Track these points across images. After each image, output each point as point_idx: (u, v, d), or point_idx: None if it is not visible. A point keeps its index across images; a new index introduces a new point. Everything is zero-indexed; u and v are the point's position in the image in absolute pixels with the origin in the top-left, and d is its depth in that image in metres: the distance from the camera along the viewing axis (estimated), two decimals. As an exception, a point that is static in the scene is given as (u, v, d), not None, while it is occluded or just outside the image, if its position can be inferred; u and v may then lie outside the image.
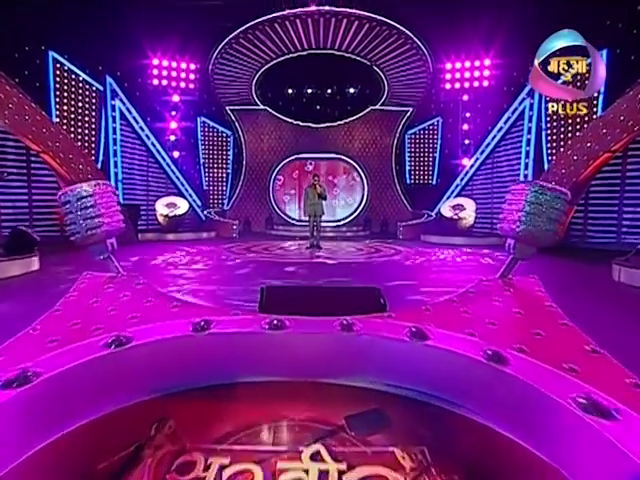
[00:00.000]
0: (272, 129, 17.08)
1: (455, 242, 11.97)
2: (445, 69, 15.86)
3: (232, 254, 9.09)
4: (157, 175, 14.89)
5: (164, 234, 12.69)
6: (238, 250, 9.69)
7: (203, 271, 6.76)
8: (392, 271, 6.94)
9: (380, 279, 5.49)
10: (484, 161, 14.23)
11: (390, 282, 5.47)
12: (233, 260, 8.04)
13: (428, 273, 6.83)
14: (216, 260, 8.12)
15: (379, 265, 7.70)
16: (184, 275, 6.31)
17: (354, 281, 5.68)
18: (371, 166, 17.13)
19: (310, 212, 10.22)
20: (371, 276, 6.37)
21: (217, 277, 6.21)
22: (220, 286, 5.46)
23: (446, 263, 8.16)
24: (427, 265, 7.77)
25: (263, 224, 17.04)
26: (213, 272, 6.65)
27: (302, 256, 9.10)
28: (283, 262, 8.02)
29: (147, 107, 15.66)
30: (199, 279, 6.05)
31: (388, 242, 12.33)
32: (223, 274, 6.45)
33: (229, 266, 7.35)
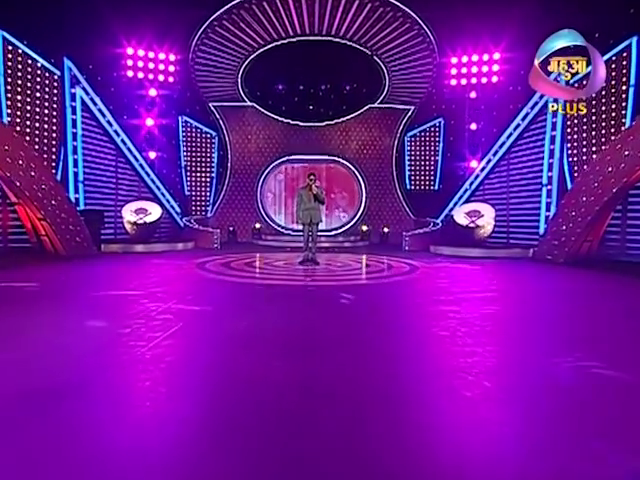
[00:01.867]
0: (260, 128, 15.03)
1: (472, 254, 10.00)
2: (450, 63, 14.02)
3: (203, 274, 6.93)
4: (128, 177, 12.69)
5: (132, 245, 10.48)
6: (213, 267, 7.53)
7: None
8: (436, 310, 4.87)
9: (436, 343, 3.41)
10: (498, 163, 12.35)
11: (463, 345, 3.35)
12: (193, 293, 5.80)
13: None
14: (165, 293, 5.95)
15: (407, 296, 5.62)
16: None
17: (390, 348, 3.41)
18: (369, 169, 15.15)
19: (304, 219, 8.14)
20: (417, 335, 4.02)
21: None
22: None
23: (513, 291, 6.12)
24: (477, 292, 5.73)
25: (250, 233, 14.90)
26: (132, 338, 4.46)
27: (294, 275, 6.99)
28: (266, 288, 5.91)
29: (119, 101, 13.52)
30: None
31: (395, 255, 10.30)
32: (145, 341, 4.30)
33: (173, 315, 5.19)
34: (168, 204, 14.03)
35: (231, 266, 7.57)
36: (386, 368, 2.62)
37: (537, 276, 7.39)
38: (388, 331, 3.56)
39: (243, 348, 3.01)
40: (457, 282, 6.31)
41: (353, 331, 3.57)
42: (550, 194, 10.59)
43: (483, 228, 10.24)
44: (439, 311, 4.24)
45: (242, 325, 3.67)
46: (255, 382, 2.35)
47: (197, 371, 2.62)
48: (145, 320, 3.68)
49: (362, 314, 4.21)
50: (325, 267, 7.87)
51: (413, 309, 4.45)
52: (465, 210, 10.69)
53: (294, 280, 6.32)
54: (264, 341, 3.21)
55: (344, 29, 12.56)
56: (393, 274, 6.91)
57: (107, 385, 2.33)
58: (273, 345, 3.12)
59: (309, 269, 7.67)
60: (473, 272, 7.50)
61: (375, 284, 5.98)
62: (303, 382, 2.36)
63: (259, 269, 7.33)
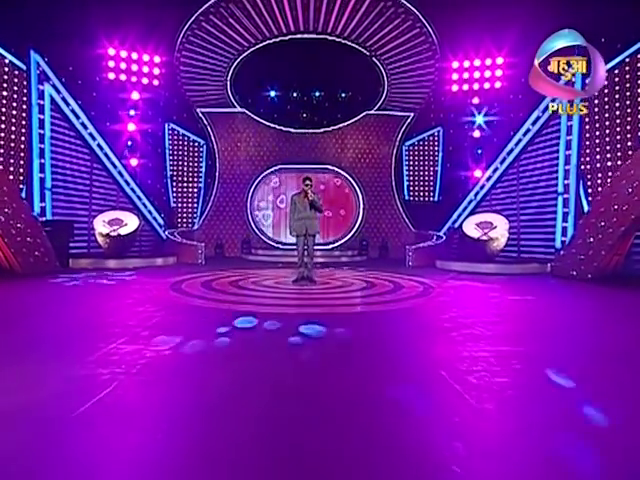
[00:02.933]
0: (251, 135, 13.87)
1: (485, 270, 8.82)
2: (451, 68, 13.11)
3: (175, 298, 5.61)
4: (105, 185, 11.37)
5: (104, 260, 9.12)
6: (190, 288, 6.21)
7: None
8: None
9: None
10: (506, 171, 11.30)
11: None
12: (153, 327, 4.43)
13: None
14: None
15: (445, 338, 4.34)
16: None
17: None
18: (367, 179, 14.03)
19: (299, 230, 6.89)
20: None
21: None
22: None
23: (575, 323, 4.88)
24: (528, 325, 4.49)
25: (239, 247, 13.60)
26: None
27: (287, 299, 5.71)
28: (254, 316, 4.61)
29: (99, 105, 12.31)
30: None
31: (400, 272, 9.08)
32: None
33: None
34: (150, 215, 12.71)
35: (212, 286, 6.25)
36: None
37: (574, 298, 6.20)
38: (421, 391, 2.31)
39: (206, 440, 1.74)
40: (488, 308, 5.07)
41: (368, 390, 2.30)
42: (567, 203, 9.52)
43: (496, 241, 9.09)
44: (486, 355, 2.99)
45: (211, 386, 2.38)
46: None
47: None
48: (64, 378, 2.37)
49: (379, 359, 2.96)
50: (323, 287, 6.60)
51: (448, 350, 3.20)
52: (475, 221, 9.55)
53: (287, 306, 5.02)
54: (242, 419, 1.93)
55: (341, 26, 11.51)
56: (406, 296, 5.66)
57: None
58: (256, 425, 1.85)
59: (305, 289, 6.40)
60: (497, 293, 6.30)
61: (388, 311, 4.71)
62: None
63: (245, 290, 6.03)
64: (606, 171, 10.61)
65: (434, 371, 2.63)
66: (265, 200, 14.15)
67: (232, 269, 8.99)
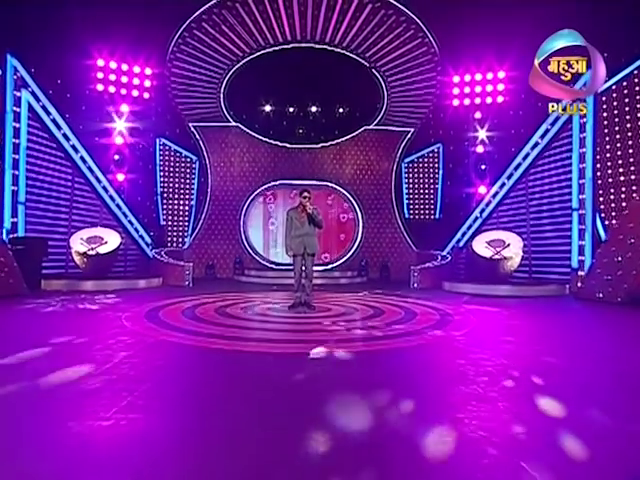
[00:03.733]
0: (245, 150, 13.12)
1: (499, 292, 7.95)
2: (452, 82, 12.58)
3: (147, 331, 4.66)
4: (88, 201, 10.46)
5: (81, 281, 8.14)
6: (168, 318, 5.25)
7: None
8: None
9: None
10: (513, 186, 10.57)
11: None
12: (110, 373, 3.51)
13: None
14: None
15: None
16: None
17: None
18: (366, 196, 13.26)
19: (296, 248, 6.00)
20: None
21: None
22: None
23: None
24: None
25: (231, 268, 12.65)
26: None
27: (283, 331, 4.79)
28: (238, 360, 3.69)
29: (85, 116, 11.57)
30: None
31: (407, 296, 8.18)
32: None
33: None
34: (137, 233, 11.79)
35: (195, 315, 5.29)
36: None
37: (613, 327, 5.33)
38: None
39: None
40: (524, 345, 4.17)
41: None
42: (583, 220, 8.77)
43: (510, 260, 8.25)
44: (564, 427, 2.09)
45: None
46: None
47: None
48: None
49: (402, 418, 2.05)
50: (324, 315, 5.67)
51: (508, 421, 2.29)
52: (486, 239, 8.74)
53: (280, 342, 4.08)
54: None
55: (340, 34, 10.88)
56: (422, 326, 4.75)
57: None
58: None
59: (302, 316, 5.48)
60: (524, 322, 5.42)
61: (405, 349, 3.77)
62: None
63: (232, 320, 5.09)
64: (619, 186, 9.95)
65: (509, 461, 1.71)
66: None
67: (221, 292, 8.03)
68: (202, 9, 9.89)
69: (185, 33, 10.51)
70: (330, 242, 13.18)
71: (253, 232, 13.26)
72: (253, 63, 11.69)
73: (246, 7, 9.83)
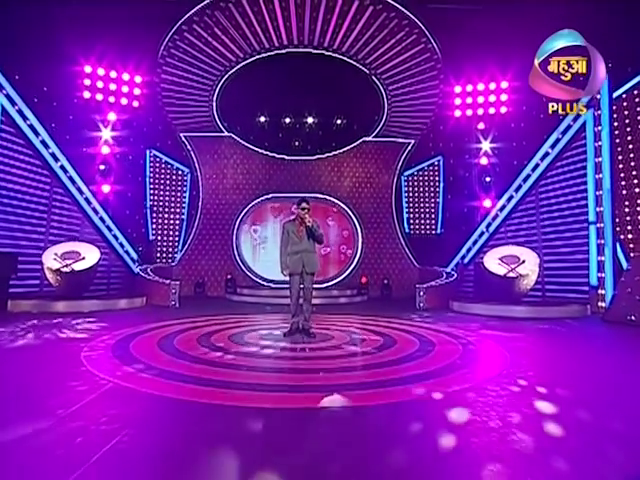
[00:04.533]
0: (238, 161, 12.37)
1: (515, 314, 7.14)
2: (453, 93, 12.02)
3: (106, 372, 3.77)
4: (67, 213, 9.58)
5: (53, 302, 7.21)
6: (139, 351, 4.34)
7: None
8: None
9: None
10: (522, 199, 9.88)
11: None
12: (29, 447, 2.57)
13: None
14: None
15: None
16: None
17: None
18: (366, 210, 12.53)
19: (294, 267, 5.16)
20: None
21: None
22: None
23: None
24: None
25: (222, 286, 11.74)
26: None
27: (278, 367, 3.92)
28: (221, 415, 2.82)
29: (69, 124, 10.85)
30: None
31: (414, 318, 7.32)
32: None
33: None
34: (122, 249, 10.89)
35: (173, 346, 4.40)
36: None
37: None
38: None
39: None
40: (583, 388, 3.34)
41: None
42: (602, 234, 8.05)
43: (526, 278, 7.46)
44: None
45: None
46: None
47: None
48: None
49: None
50: (327, 345, 4.81)
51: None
52: (498, 255, 7.96)
53: (278, 389, 3.17)
54: None
55: (340, 39, 10.26)
56: (447, 363, 3.90)
57: None
58: None
59: (300, 347, 4.61)
60: (564, 351, 4.60)
61: (435, 402, 2.90)
62: None
63: (216, 353, 4.20)
64: (635, 198, 9.30)
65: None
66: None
67: (209, 315, 7.13)
68: (194, 10, 9.24)
69: (175, 36, 9.85)
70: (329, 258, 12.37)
71: (245, 247, 12.41)
72: (247, 69, 11.04)
73: (240, 8, 9.19)
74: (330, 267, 12.34)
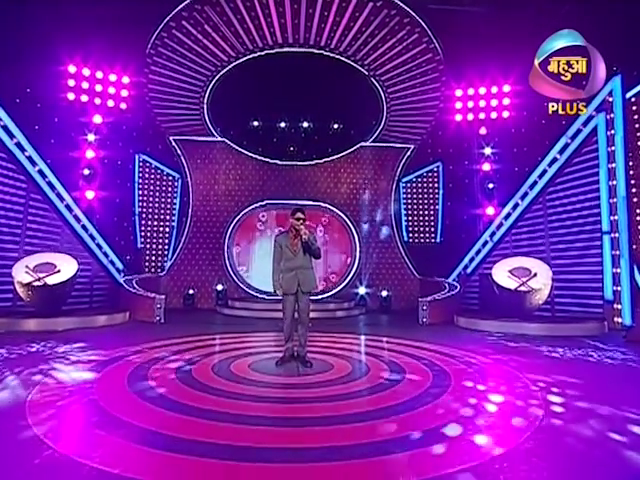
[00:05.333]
0: (230, 166, 11.72)
1: (529, 331, 6.54)
2: (454, 96, 11.50)
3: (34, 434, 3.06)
4: (46, 221, 8.85)
5: (23, 320, 6.49)
6: (100, 392, 3.69)
7: None
8: None
9: None
10: (529, 207, 9.32)
11: None
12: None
13: None
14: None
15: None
16: None
17: None
18: (364, 217, 11.92)
19: (287, 285, 4.48)
20: None
21: None
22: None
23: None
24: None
25: (213, 298, 11.04)
26: None
27: (270, 408, 3.25)
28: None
29: (55, 127, 10.18)
30: None
31: (418, 336, 6.66)
32: None
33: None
34: (106, 258, 10.17)
35: (143, 383, 3.72)
36: None
37: None
38: None
39: None
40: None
41: None
42: (617, 244, 7.48)
43: (539, 293, 6.86)
44: None
45: None
46: None
47: None
48: None
49: None
50: (325, 378, 4.15)
51: None
52: (507, 267, 7.36)
53: (268, 454, 2.52)
54: None
55: (337, 37, 9.61)
56: (469, 405, 3.27)
57: None
58: None
59: (294, 382, 3.95)
60: (613, 383, 3.97)
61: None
62: None
63: (195, 393, 3.53)
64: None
65: None
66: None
67: (194, 335, 6.44)
68: (182, 4, 8.60)
69: (163, 33, 9.21)
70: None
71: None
72: (239, 70, 10.39)
73: (231, 3, 8.55)
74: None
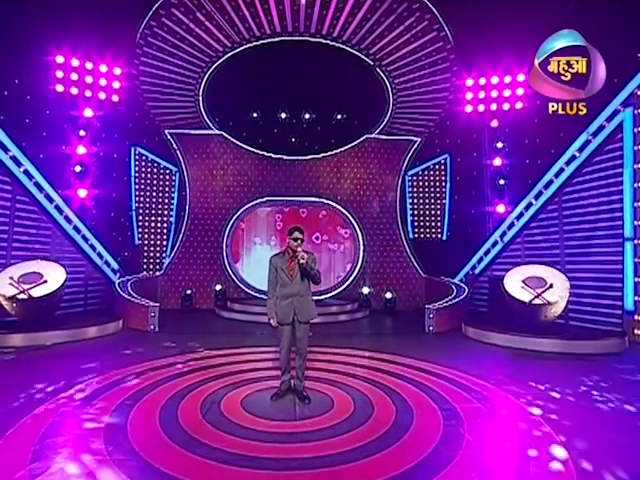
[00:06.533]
0: (229, 162, 11.17)
1: (541, 348, 6.09)
2: (465, 86, 10.77)
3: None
4: (35, 224, 8.42)
5: (8, 335, 6.11)
6: (51, 440, 3.26)
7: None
8: None
9: None
10: (543, 207, 8.74)
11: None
12: None
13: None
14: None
15: None
16: None
17: None
18: (367, 214, 11.38)
19: (283, 315, 4.00)
20: None
21: None
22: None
23: None
24: None
25: (212, 298, 10.66)
26: None
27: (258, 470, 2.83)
28: None
29: (36, 123, 9.63)
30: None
31: (428, 353, 6.20)
32: None
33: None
34: (101, 260, 9.77)
35: (119, 432, 3.31)
36: None
37: None
38: None
39: None
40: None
41: None
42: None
43: (555, 306, 6.37)
44: None
45: None
46: None
47: None
48: None
49: None
50: (325, 418, 3.73)
51: None
52: (521, 277, 6.85)
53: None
54: None
55: (340, 25, 8.88)
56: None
57: None
58: None
59: (290, 431, 3.52)
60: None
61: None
62: None
63: (174, 446, 3.11)
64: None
65: None
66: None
67: (188, 346, 6.03)
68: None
69: (152, 22, 8.54)
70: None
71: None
72: (236, 60, 9.72)
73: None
74: (329, 276, 11.27)
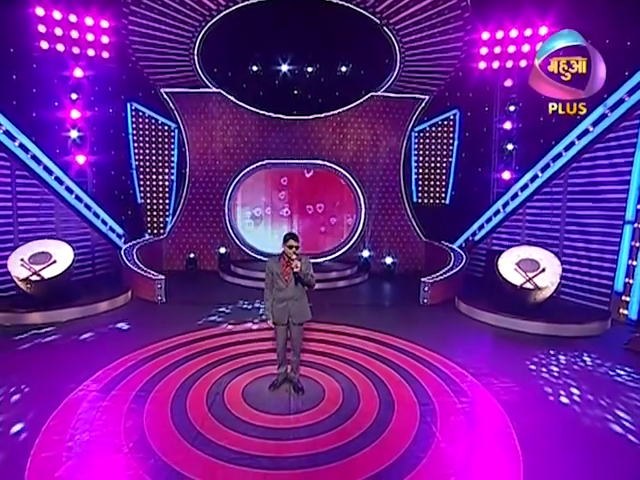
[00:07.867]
0: (228, 122, 10.83)
1: (528, 329, 6.45)
2: (480, 40, 9.98)
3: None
4: (37, 198, 8.51)
5: (27, 313, 6.54)
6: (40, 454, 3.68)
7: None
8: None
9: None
10: (548, 182, 8.58)
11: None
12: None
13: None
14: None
15: None
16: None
17: None
18: (370, 177, 11.25)
19: (278, 316, 4.29)
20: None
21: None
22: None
23: None
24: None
25: (216, 261, 11.03)
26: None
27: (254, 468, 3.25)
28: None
29: (22, 86, 9.19)
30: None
31: (423, 331, 6.54)
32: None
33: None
34: (105, 226, 10.00)
35: (119, 436, 3.74)
36: None
37: None
38: None
39: None
40: None
41: None
42: (639, 236, 6.98)
43: (544, 291, 6.60)
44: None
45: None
46: None
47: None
48: None
49: None
50: (316, 411, 4.16)
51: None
52: (514, 259, 6.99)
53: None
54: None
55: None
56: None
57: None
58: None
59: (287, 428, 3.93)
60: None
61: None
62: None
63: (179, 444, 3.53)
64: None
65: None
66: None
67: (183, 333, 6.43)
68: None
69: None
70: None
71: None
72: (234, 14, 9.01)
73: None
74: (331, 239, 11.49)
